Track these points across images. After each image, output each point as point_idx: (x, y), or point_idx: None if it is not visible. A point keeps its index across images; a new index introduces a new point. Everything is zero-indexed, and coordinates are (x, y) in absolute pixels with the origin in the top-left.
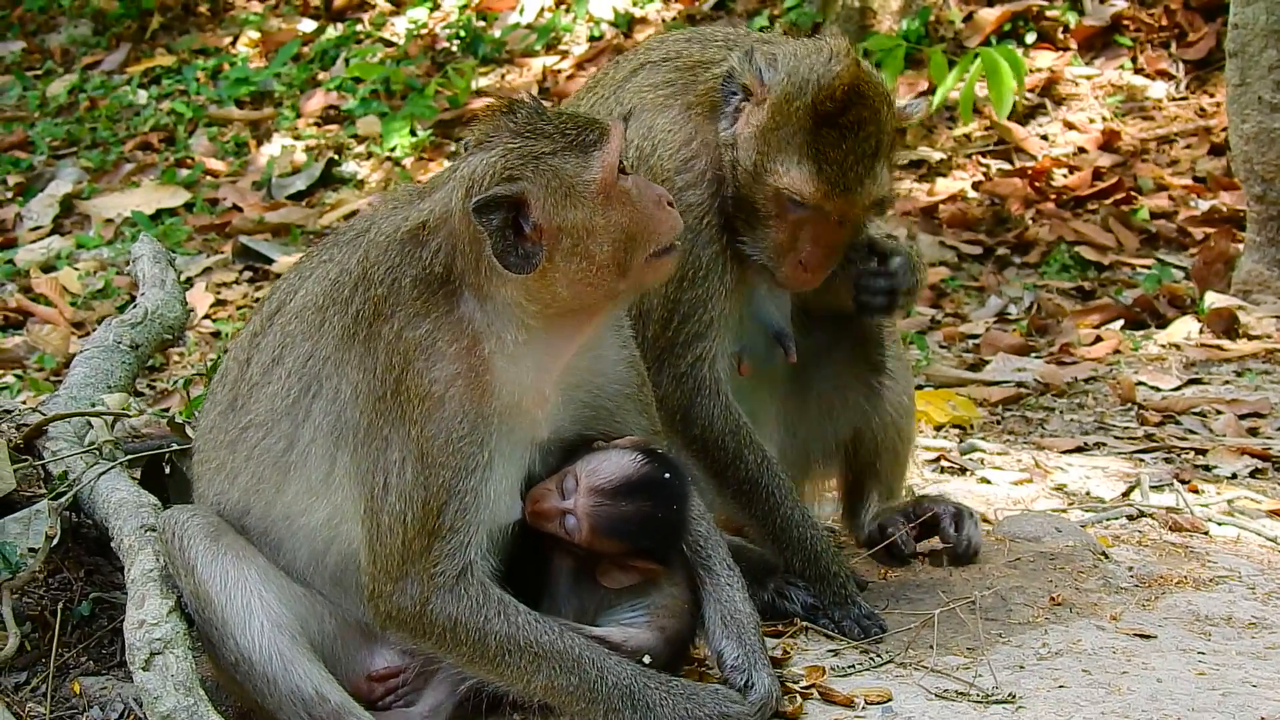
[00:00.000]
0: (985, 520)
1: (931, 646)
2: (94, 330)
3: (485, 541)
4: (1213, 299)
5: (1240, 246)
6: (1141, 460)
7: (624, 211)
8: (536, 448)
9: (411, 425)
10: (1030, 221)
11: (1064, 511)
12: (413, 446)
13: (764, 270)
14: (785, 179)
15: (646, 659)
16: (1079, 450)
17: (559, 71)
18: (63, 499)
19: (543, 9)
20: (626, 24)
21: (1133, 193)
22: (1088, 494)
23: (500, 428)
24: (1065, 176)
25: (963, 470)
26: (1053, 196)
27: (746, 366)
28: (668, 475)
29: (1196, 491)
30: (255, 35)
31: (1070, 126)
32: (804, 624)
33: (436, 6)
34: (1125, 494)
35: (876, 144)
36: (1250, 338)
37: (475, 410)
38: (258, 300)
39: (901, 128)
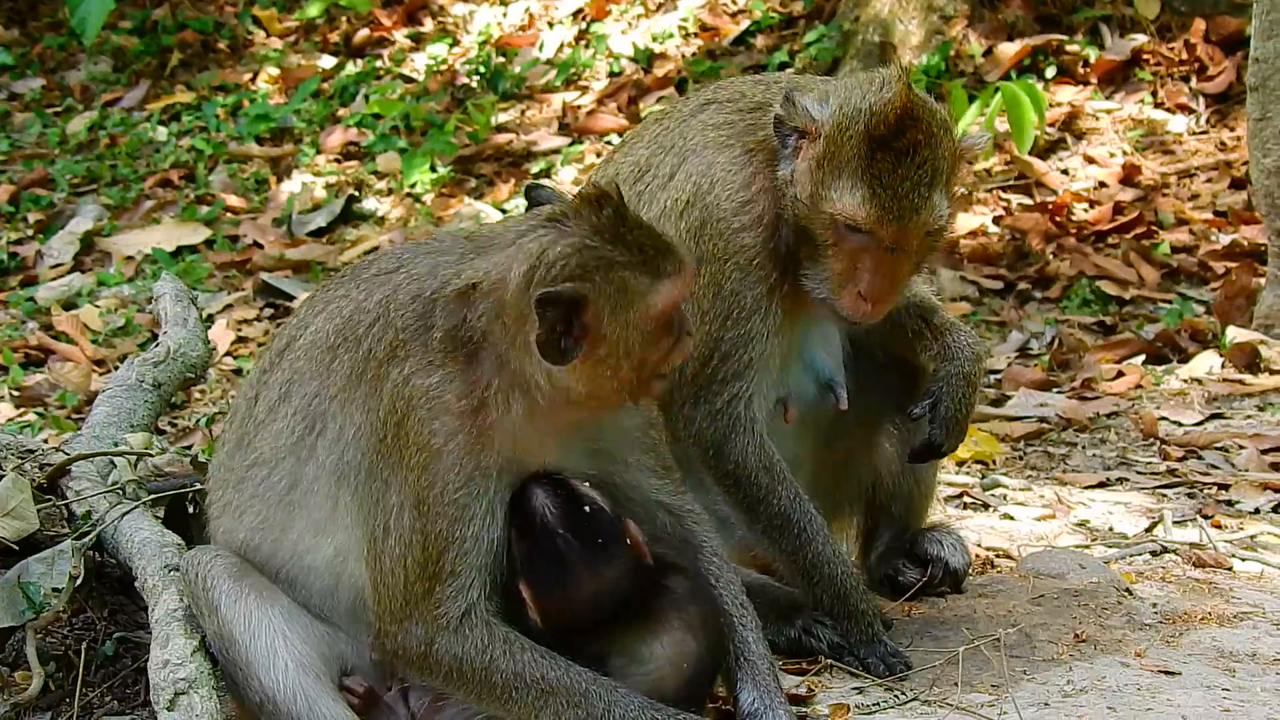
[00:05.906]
0: (1008, 556)
1: (956, 684)
2: (115, 367)
3: (489, 582)
4: (1234, 333)
5: (1262, 281)
6: (1164, 496)
7: (662, 340)
8: None
9: (409, 471)
10: (1051, 256)
11: (1087, 547)
12: (410, 493)
13: (826, 305)
14: (839, 204)
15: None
16: (1101, 486)
17: (579, 107)
18: (86, 539)
19: (563, 44)
20: (646, 59)
21: (1153, 227)
22: (1110, 530)
23: (498, 480)
24: (1086, 211)
25: (985, 506)
26: (1073, 231)
27: (792, 414)
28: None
29: (1219, 527)
30: (275, 71)
31: (1091, 161)
32: (828, 661)
33: (456, 42)
34: (1148, 529)
35: (933, 171)
36: (1272, 372)
37: (473, 465)
38: None
39: (962, 157)
